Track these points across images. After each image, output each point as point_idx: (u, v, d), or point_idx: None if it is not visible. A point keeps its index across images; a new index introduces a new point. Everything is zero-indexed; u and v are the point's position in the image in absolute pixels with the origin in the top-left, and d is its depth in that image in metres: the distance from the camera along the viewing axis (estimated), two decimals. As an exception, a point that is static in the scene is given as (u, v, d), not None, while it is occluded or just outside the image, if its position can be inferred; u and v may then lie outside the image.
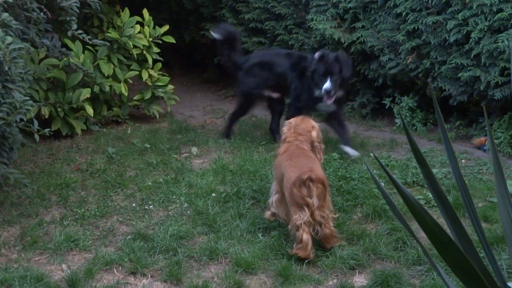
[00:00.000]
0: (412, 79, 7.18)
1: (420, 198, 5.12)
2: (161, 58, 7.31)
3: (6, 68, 4.44)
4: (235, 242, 4.43)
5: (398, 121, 7.17)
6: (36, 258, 4.29)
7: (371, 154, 6.17)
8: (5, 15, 4.65)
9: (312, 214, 4.20)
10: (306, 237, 4.17)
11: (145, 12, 7.26)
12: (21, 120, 4.79)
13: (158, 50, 7.25)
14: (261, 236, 4.53)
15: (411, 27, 6.77)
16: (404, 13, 6.81)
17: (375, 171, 5.64)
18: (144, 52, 7.10)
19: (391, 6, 6.98)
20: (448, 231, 2.01)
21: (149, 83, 7.17)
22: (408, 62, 6.92)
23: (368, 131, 7.18)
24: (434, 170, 5.59)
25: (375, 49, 7.22)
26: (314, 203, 4.20)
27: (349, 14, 7.41)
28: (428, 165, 1.98)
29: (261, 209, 4.96)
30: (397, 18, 6.99)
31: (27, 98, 4.74)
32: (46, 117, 6.26)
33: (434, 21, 6.53)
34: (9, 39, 4.50)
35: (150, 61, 7.14)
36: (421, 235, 3.64)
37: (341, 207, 4.94)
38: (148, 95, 7.17)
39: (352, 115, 7.66)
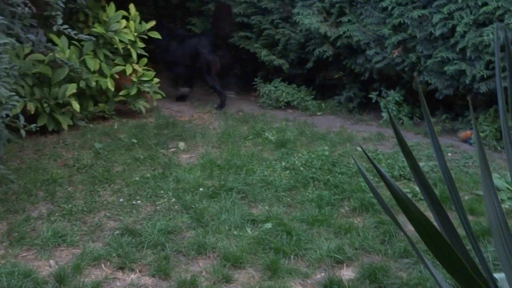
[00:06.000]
0: (398, 73, 7.21)
1: (406, 192, 5.14)
2: (146, 53, 7.28)
3: (-9, 64, 4.41)
4: (223, 237, 4.44)
5: (384, 115, 7.20)
6: (24, 254, 4.27)
7: (358, 148, 6.19)
8: (-10, 10, 4.62)
9: None
10: None
11: (131, 6, 7.22)
12: (7, 115, 4.76)
13: (143, 45, 7.22)
14: (249, 230, 4.54)
15: (397, 21, 6.80)
16: (390, 7, 6.85)
17: (363, 164, 5.67)
18: (129, 47, 7.07)
19: (376, 0, 7.01)
20: (435, 224, 2.03)
21: (134, 79, 7.14)
22: (394, 56, 6.95)
23: (355, 125, 7.20)
24: (421, 164, 5.62)
25: (361, 43, 7.24)
26: None
27: (335, 8, 7.42)
28: (414, 158, 1.99)
29: (248, 203, 4.97)
30: (383, 12, 7.02)
31: (13, 93, 4.71)
32: (32, 112, 6.21)
33: (420, 15, 6.56)
34: (-6, 34, 4.48)
35: (134, 56, 7.10)
36: (408, 228, 3.67)
37: (328, 200, 4.96)
38: (133, 91, 7.14)
39: (339, 109, 7.69)
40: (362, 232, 4.48)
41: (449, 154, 6.09)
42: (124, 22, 7.06)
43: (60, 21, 5.80)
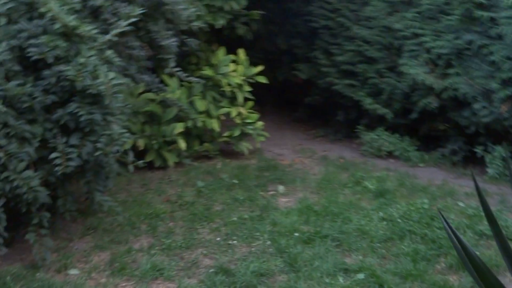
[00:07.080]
0: (506, 128, 7.01)
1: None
2: (252, 97, 7.50)
3: (107, 102, 4.69)
4: (314, 284, 4.45)
5: (490, 170, 7.01)
6: (123, 284, 4.46)
7: (460, 203, 6.06)
8: (109, 52, 4.94)
9: None
10: None
11: (240, 51, 7.50)
12: (118, 151, 5.04)
13: (249, 89, 7.45)
14: (341, 279, 4.53)
15: (506, 76, 6.65)
16: (498, 61, 6.71)
17: (463, 221, 5.54)
18: (236, 90, 7.32)
19: (485, 53, 6.90)
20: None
21: (238, 121, 7.37)
22: (502, 111, 6.78)
23: (458, 179, 7.04)
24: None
25: (468, 96, 7.12)
26: None
27: (442, 60, 7.36)
28: (497, 223, 1.97)
29: (342, 251, 4.97)
30: (491, 65, 6.89)
31: (125, 130, 4.99)
32: (141, 148, 6.55)
33: (531, 70, 6.40)
34: (111, 74, 4.76)
35: (240, 99, 7.35)
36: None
37: (424, 255, 4.88)
38: (237, 132, 7.36)
39: (442, 162, 7.55)
40: (457, 291, 4.37)
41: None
42: (232, 65, 7.34)
43: (172, 64, 6.10)
